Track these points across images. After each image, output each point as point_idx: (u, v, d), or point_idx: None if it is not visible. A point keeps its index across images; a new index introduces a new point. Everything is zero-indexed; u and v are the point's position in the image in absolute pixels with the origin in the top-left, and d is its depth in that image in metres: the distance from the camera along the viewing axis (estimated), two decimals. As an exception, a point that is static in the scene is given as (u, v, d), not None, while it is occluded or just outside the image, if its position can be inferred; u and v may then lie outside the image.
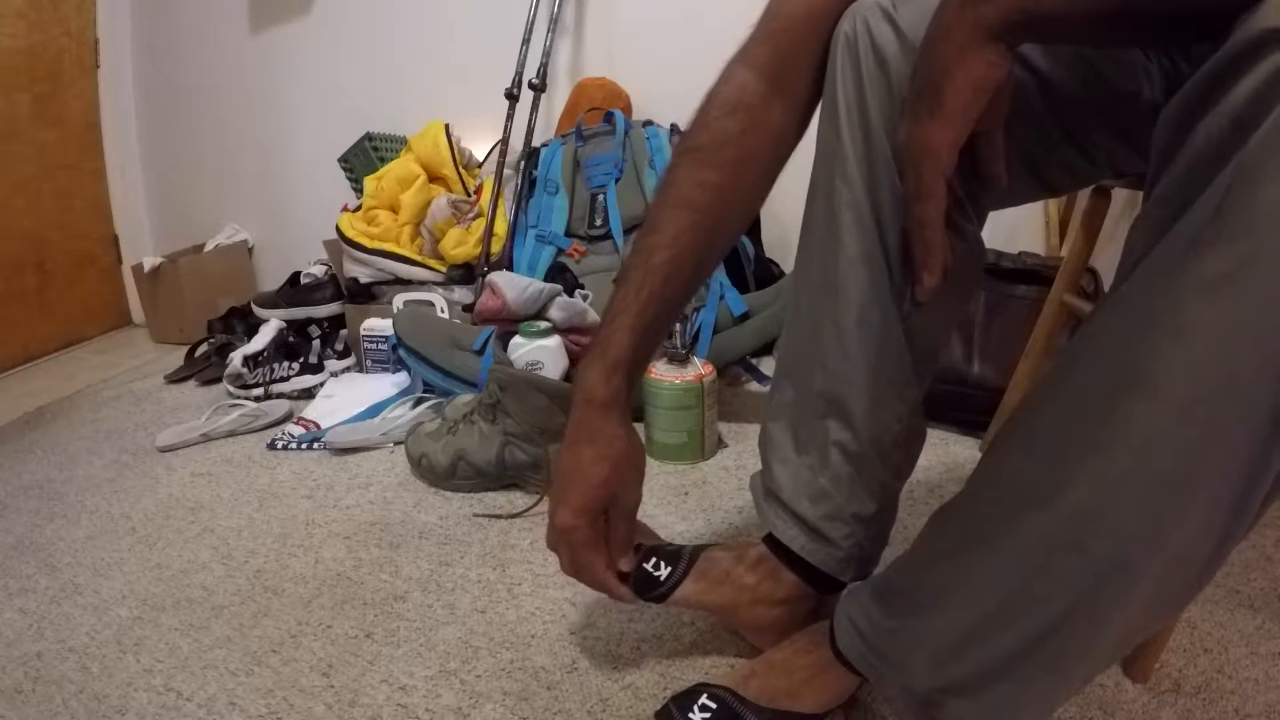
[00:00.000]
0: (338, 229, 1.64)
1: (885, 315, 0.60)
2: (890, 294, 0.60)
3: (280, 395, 1.48)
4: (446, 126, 1.71)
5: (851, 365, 0.62)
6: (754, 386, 1.41)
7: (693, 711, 0.63)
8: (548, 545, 0.68)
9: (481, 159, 1.78)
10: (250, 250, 2.14)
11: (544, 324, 1.09)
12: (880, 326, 0.61)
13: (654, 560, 0.72)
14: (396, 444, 1.26)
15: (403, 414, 1.31)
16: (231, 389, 1.48)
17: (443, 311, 1.53)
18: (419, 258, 1.61)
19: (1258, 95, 0.33)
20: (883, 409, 0.63)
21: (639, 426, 1.18)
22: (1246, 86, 0.34)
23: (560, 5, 1.66)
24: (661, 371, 1.19)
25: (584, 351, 0.63)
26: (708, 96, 0.63)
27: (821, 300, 0.63)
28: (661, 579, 0.71)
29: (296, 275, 1.79)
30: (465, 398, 1.21)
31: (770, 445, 0.70)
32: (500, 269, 1.49)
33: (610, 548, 0.67)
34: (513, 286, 1.09)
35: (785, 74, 0.61)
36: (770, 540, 0.72)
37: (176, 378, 1.64)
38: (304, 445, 1.27)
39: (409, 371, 1.42)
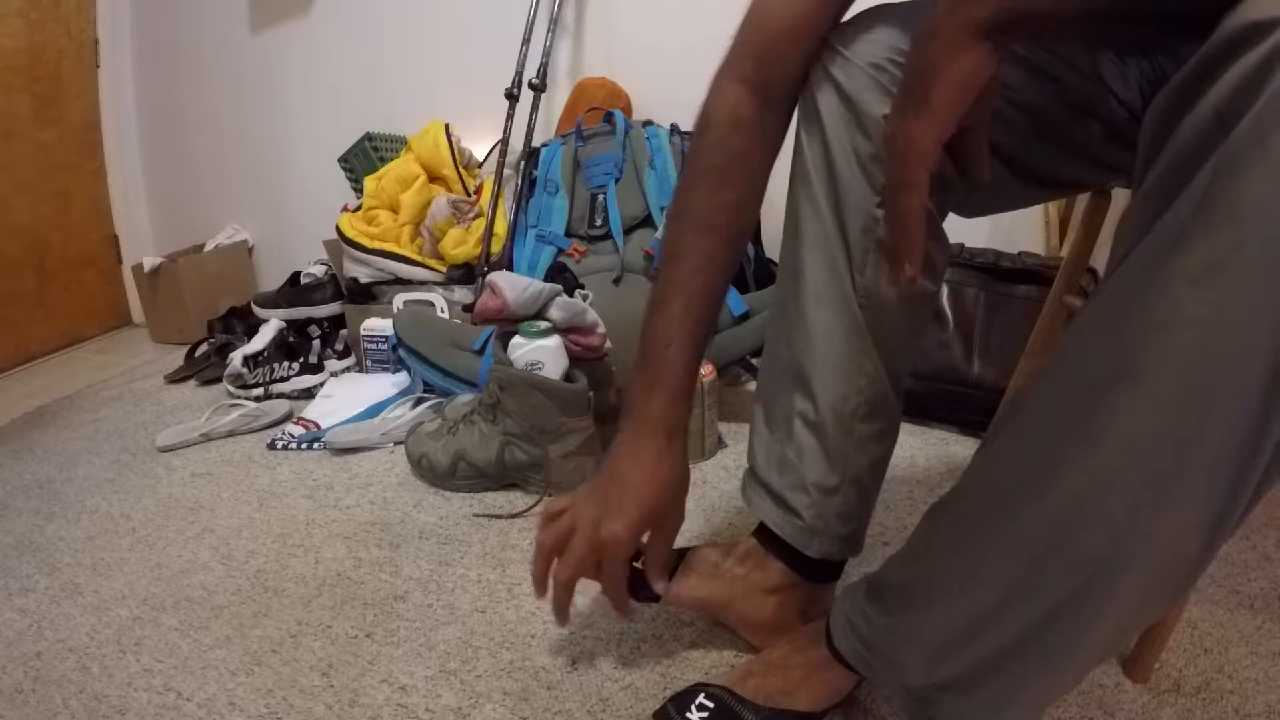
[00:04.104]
0: (338, 229, 1.63)
1: (841, 293, 0.64)
2: (845, 274, 0.63)
3: (280, 395, 1.48)
4: (446, 126, 1.71)
5: (810, 339, 0.66)
6: (754, 386, 1.41)
7: (690, 711, 0.64)
8: (545, 542, 0.68)
9: (481, 159, 1.78)
10: (250, 250, 2.14)
11: (544, 324, 1.09)
12: (835, 303, 0.64)
13: (644, 559, 0.73)
14: (396, 444, 1.26)
15: (403, 414, 1.31)
16: (231, 389, 1.48)
17: (443, 311, 1.53)
18: (419, 258, 1.61)
19: (1241, 87, 0.33)
20: (840, 379, 0.65)
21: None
22: (1230, 79, 0.34)
23: (560, 5, 1.66)
24: (661, 371, 1.18)
25: (635, 376, 0.67)
26: (705, 114, 0.65)
27: (787, 284, 0.68)
28: None
29: (296, 275, 1.79)
30: (465, 398, 1.21)
31: (752, 428, 0.74)
32: (500, 269, 1.48)
33: (648, 568, 0.70)
34: (513, 286, 1.09)
35: (772, 86, 0.64)
36: (758, 532, 0.74)
37: (176, 378, 1.64)
38: (304, 445, 1.27)
39: (409, 371, 1.42)
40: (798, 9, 0.62)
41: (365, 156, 1.82)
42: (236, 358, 1.48)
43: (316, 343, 1.58)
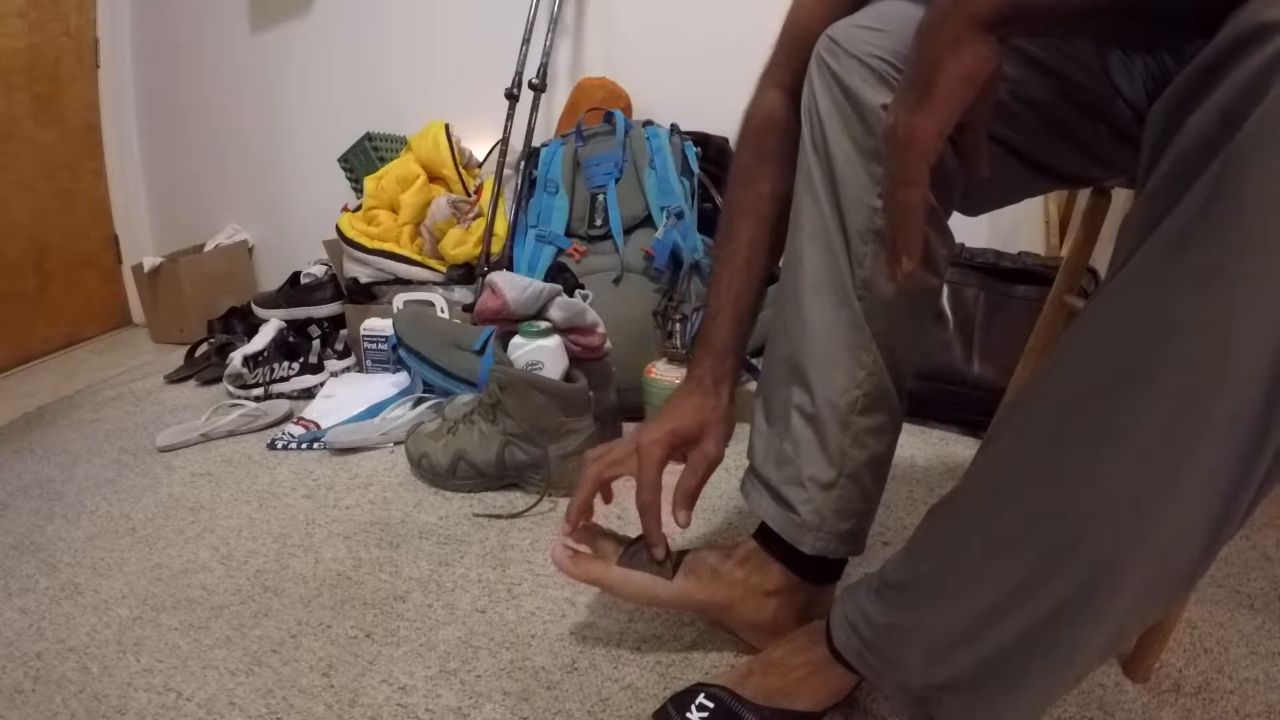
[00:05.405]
0: (338, 229, 1.64)
1: (838, 284, 0.64)
2: (844, 265, 0.64)
3: (280, 395, 1.48)
4: (446, 126, 1.71)
5: (807, 329, 0.66)
6: (754, 386, 1.41)
7: (690, 711, 0.64)
8: (593, 454, 0.74)
9: (481, 159, 1.78)
10: (250, 250, 2.14)
11: (544, 324, 1.09)
12: (833, 294, 0.65)
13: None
14: (396, 444, 1.26)
15: (403, 414, 1.31)
16: (231, 389, 1.48)
17: (443, 311, 1.53)
18: (419, 258, 1.61)
19: (1247, 88, 0.33)
20: (837, 370, 0.65)
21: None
22: (1236, 79, 0.34)
23: (560, 5, 1.66)
24: (661, 371, 1.19)
25: (693, 348, 0.77)
26: (746, 116, 0.74)
27: (786, 274, 0.69)
28: None
29: (296, 275, 1.79)
30: (465, 398, 1.21)
31: (752, 424, 0.75)
32: (500, 269, 1.48)
33: (676, 492, 0.72)
34: (513, 286, 1.09)
35: (799, 88, 0.67)
36: (758, 534, 0.74)
37: (176, 378, 1.64)
38: (304, 445, 1.27)
39: (409, 371, 1.42)
40: (814, 9, 0.66)
41: (365, 156, 1.82)
42: (236, 358, 1.48)
43: (316, 343, 1.58)
